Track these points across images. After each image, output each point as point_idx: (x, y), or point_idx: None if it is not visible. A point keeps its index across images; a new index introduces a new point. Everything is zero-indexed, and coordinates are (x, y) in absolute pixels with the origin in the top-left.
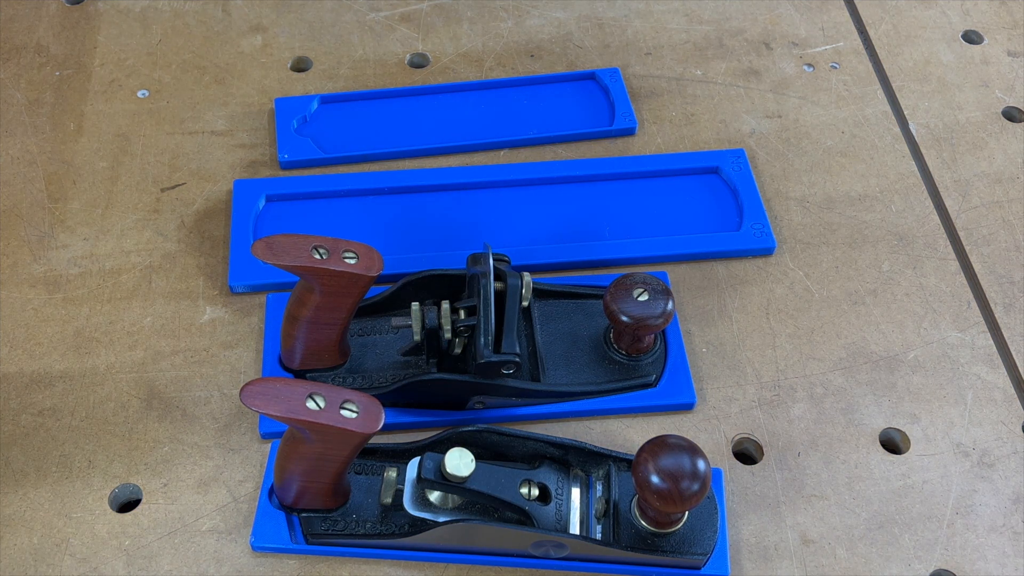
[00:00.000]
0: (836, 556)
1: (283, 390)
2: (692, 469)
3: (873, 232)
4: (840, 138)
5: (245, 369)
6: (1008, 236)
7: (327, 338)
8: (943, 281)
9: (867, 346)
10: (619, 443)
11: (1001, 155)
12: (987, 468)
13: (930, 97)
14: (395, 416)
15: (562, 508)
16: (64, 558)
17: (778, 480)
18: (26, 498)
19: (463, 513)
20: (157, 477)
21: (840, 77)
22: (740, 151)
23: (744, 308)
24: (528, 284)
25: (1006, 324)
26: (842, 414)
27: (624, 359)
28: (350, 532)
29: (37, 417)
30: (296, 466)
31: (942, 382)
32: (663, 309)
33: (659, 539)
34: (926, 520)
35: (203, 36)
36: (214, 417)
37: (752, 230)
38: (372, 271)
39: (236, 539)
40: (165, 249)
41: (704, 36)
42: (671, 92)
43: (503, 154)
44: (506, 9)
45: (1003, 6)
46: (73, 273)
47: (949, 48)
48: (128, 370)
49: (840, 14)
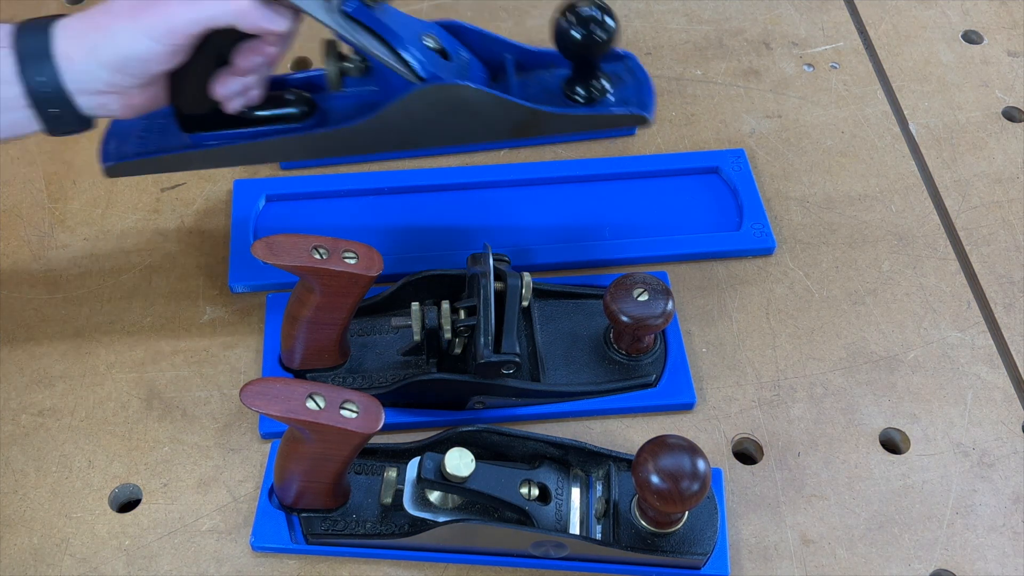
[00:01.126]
0: (836, 556)
1: (283, 390)
2: (692, 469)
3: (873, 232)
4: (840, 138)
5: (245, 369)
6: (1008, 236)
7: (327, 338)
8: (943, 281)
9: (867, 346)
10: (619, 443)
11: (1001, 155)
12: (987, 468)
13: (930, 97)
14: (395, 416)
15: (562, 508)
16: (64, 558)
17: (778, 480)
18: (26, 498)
19: (463, 513)
20: (157, 477)
21: (840, 77)
22: (740, 151)
23: (744, 308)
24: (528, 284)
25: (1006, 324)
26: (842, 414)
27: (624, 359)
28: (350, 532)
29: (37, 417)
30: (296, 466)
31: (942, 382)
32: (663, 309)
33: (659, 539)
34: (926, 520)
35: None
36: (214, 417)
37: (752, 230)
38: (372, 271)
39: (236, 539)
40: (165, 249)
41: (704, 36)
42: (671, 92)
43: (503, 154)
44: (506, 9)
45: (1003, 6)
46: (73, 273)
47: (949, 48)
48: (128, 370)
49: (840, 14)
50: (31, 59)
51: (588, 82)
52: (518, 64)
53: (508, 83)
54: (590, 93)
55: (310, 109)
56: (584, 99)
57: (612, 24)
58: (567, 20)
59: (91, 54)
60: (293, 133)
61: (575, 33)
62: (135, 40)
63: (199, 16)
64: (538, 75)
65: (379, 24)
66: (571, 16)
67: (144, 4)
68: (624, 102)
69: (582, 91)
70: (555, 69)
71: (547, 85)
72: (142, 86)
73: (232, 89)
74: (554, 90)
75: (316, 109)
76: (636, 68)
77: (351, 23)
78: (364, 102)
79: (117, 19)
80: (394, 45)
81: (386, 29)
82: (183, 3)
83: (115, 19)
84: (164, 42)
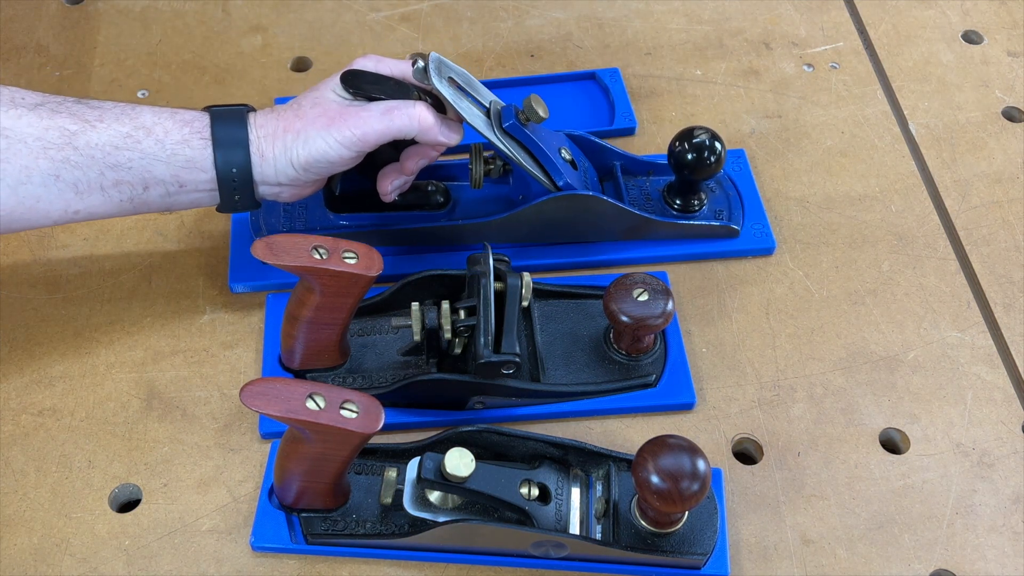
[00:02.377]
0: (836, 556)
1: (283, 390)
2: (692, 469)
3: (873, 232)
4: (840, 138)
5: (245, 369)
6: (1008, 236)
7: (327, 338)
8: (943, 281)
9: (867, 346)
10: (619, 443)
11: (1001, 155)
12: (987, 468)
13: (930, 97)
14: (395, 416)
15: (562, 508)
16: (64, 558)
17: (778, 480)
18: (26, 498)
19: (463, 513)
20: (157, 477)
21: (840, 77)
22: (740, 151)
23: (744, 308)
24: (528, 284)
25: (1006, 324)
26: (842, 414)
27: (624, 359)
28: (350, 532)
29: (37, 417)
30: (296, 466)
31: (942, 382)
32: (663, 309)
33: (659, 539)
34: (926, 520)
35: (203, 36)
36: (214, 417)
37: (752, 230)
38: (372, 271)
39: (236, 539)
40: (165, 249)
41: (704, 36)
42: (671, 92)
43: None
44: (506, 9)
45: (1003, 6)
46: (73, 273)
47: (949, 48)
48: (128, 370)
49: (840, 14)
50: (226, 149)
51: (688, 196)
52: (623, 169)
53: (618, 185)
54: (688, 204)
55: (446, 199)
56: (680, 208)
57: (721, 152)
58: (683, 145)
59: (284, 153)
60: (433, 222)
61: (689, 157)
62: (328, 146)
63: (389, 129)
64: (639, 181)
65: (530, 141)
66: (686, 143)
67: (338, 113)
68: (716, 213)
69: (680, 202)
70: (654, 176)
71: (647, 190)
72: (317, 181)
73: (395, 184)
74: (654, 197)
75: (451, 199)
76: (725, 181)
77: (508, 138)
78: (494, 196)
79: (311, 124)
80: (543, 162)
81: (536, 146)
82: (376, 117)
83: (309, 124)
84: (354, 149)
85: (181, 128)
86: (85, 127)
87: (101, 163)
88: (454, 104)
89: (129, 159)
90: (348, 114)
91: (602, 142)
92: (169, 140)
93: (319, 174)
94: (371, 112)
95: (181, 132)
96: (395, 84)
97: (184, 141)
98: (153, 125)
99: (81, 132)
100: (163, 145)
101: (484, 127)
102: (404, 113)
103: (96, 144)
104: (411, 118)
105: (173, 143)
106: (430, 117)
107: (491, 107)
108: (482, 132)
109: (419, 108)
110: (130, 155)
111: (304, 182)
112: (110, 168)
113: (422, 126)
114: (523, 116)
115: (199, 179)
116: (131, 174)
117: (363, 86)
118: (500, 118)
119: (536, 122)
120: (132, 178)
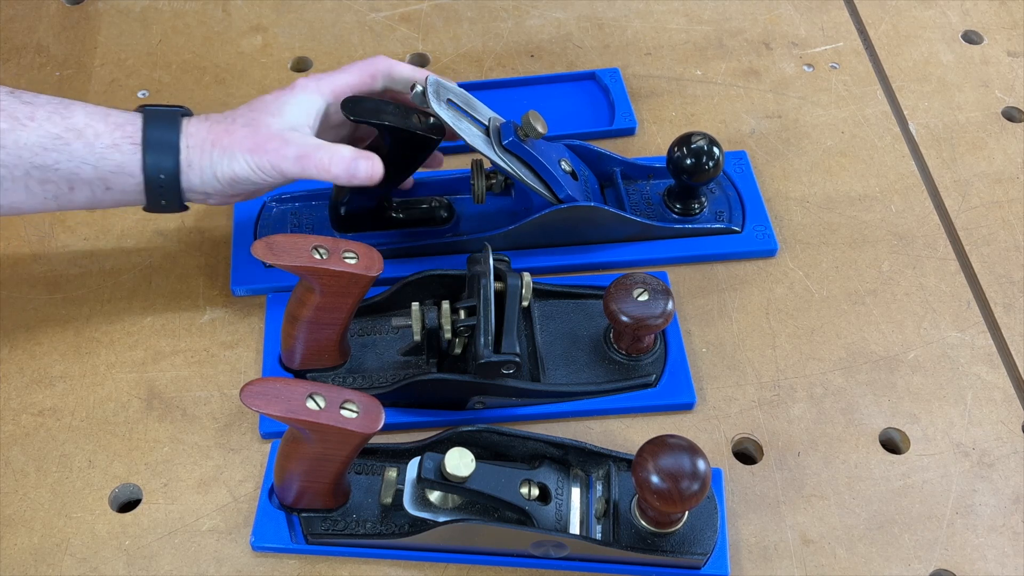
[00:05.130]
0: (836, 556)
1: (283, 390)
2: (692, 469)
3: (873, 232)
4: (840, 138)
5: (245, 369)
6: (1008, 236)
7: (327, 338)
8: (943, 281)
9: (867, 346)
10: (619, 443)
11: (1001, 155)
12: (987, 468)
13: (930, 97)
14: (395, 416)
15: (562, 508)
16: (64, 558)
17: (778, 480)
18: (26, 498)
19: (463, 513)
20: (157, 477)
21: (840, 77)
22: (742, 152)
23: (744, 308)
24: (528, 284)
25: (1006, 324)
26: (842, 414)
27: (624, 359)
28: (350, 532)
29: (37, 417)
30: (296, 466)
31: (942, 382)
32: (663, 309)
33: (659, 539)
34: (926, 520)
35: (203, 36)
36: (214, 417)
37: (755, 232)
38: (372, 271)
39: (236, 539)
40: (165, 249)
41: (704, 36)
42: (671, 92)
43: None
44: (506, 9)
45: (1003, 6)
46: (73, 273)
47: (949, 48)
48: (128, 370)
49: (840, 14)
50: (156, 154)
51: (688, 199)
52: (623, 174)
53: (619, 191)
54: (688, 208)
55: (450, 215)
56: (680, 211)
57: (719, 157)
58: (681, 151)
59: (210, 167)
60: (438, 238)
61: (688, 162)
62: (251, 170)
63: (301, 174)
64: (639, 185)
65: (531, 156)
66: (684, 148)
67: (265, 139)
68: (716, 215)
69: (680, 205)
70: (654, 180)
71: (648, 195)
72: (249, 192)
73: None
74: (654, 201)
75: (454, 214)
76: (726, 183)
77: (508, 155)
78: (497, 209)
79: (238, 144)
80: (544, 176)
81: (536, 161)
82: (291, 160)
83: (236, 144)
84: (275, 178)
85: (112, 132)
86: (15, 125)
87: (28, 163)
88: (453, 126)
89: (56, 160)
90: (272, 143)
91: (601, 149)
92: (99, 144)
93: (245, 191)
94: (291, 150)
95: (112, 136)
96: (395, 109)
97: (114, 145)
98: (84, 127)
99: (10, 131)
100: (92, 148)
101: (484, 146)
102: (317, 163)
103: (24, 144)
104: (320, 170)
105: (103, 147)
106: (343, 169)
107: (490, 124)
108: (483, 151)
109: (336, 160)
110: (58, 157)
111: (231, 194)
112: (36, 168)
113: (334, 176)
114: (522, 132)
115: (126, 183)
116: (58, 175)
117: (363, 114)
118: (500, 135)
119: (535, 138)
120: (58, 178)
